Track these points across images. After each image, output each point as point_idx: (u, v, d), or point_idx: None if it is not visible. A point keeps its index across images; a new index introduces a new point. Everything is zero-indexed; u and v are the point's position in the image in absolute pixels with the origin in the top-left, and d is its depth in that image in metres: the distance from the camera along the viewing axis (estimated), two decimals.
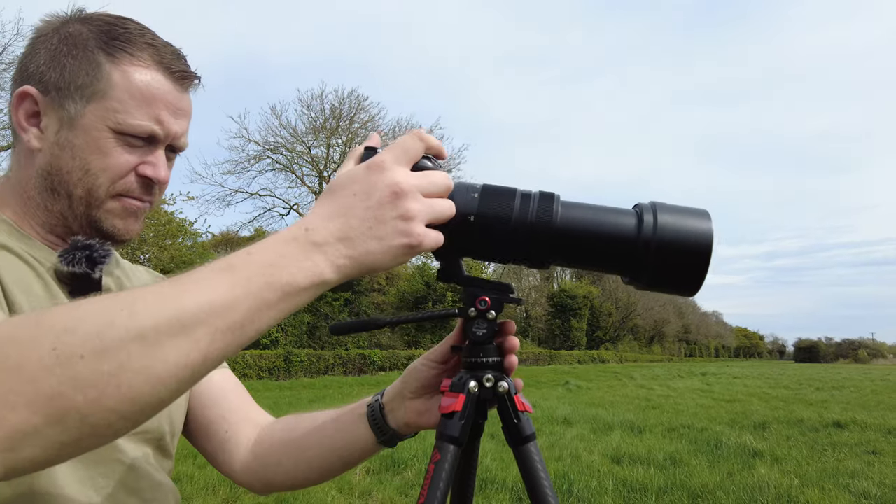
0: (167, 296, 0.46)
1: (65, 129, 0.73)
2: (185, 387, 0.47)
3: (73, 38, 0.73)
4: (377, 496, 4.61)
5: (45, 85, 0.73)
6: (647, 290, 0.64)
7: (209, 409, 0.91)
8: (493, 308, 0.66)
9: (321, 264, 0.51)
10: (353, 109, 25.80)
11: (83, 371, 0.42)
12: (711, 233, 0.59)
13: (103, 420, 0.43)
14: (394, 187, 0.54)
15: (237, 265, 0.49)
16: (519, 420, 0.65)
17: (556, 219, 0.61)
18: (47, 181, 0.74)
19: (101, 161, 0.73)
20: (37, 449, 0.42)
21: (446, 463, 0.61)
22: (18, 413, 0.41)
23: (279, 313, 0.50)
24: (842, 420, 8.54)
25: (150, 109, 0.74)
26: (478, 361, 0.67)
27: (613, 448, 6.43)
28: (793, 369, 35.97)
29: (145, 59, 0.74)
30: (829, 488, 4.76)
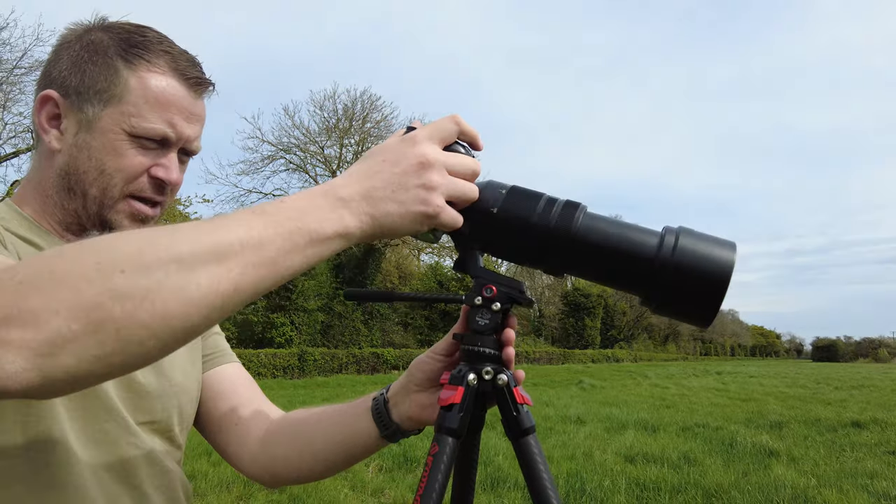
0: (206, 229, 0.50)
1: (83, 131, 0.76)
2: (214, 315, 0.49)
3: (95, 45, 0.77)
4: (389, 494, 4.63)
5: (66, 89, 0.77)
6: (659, 313, 0.63)
7: (220, 402, 0.93)
8: (499, 300, 0.66)
9: (346, 217, 0.55)
10: (365, 109, 25.85)
11: (122, 284, 0.45)
12: (732, 264, 0.58)
13: (136, 335, 0.45)
14: (420, 158, 0.58)
15: (270, 210, 0.53)
16: (518, 413, 0.65)
17: (576, 226, 0.62)
18: (65, 181, 0.78)
19: (115, 162, 0.76)
20: (72, 358, 0.44)
21: (444, 455, 0.61)
22: (60, 318, 0.43)
23: (306, 259, 0.53)
24: (861, 420, 8.41)
25: (164, 113, 0.77)
26: (476, 351, 0.66)
27: (627, 447, 6.39)
28: (810, 368, 35.45)
29: (161, 66, 0.77)
30: (848, 489, 4.69)
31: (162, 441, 0.86)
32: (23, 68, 18.33)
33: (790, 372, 27.16)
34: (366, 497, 4.57)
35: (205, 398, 0.94)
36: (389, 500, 4.50)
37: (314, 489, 4.55)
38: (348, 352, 19.64)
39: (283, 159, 26.28)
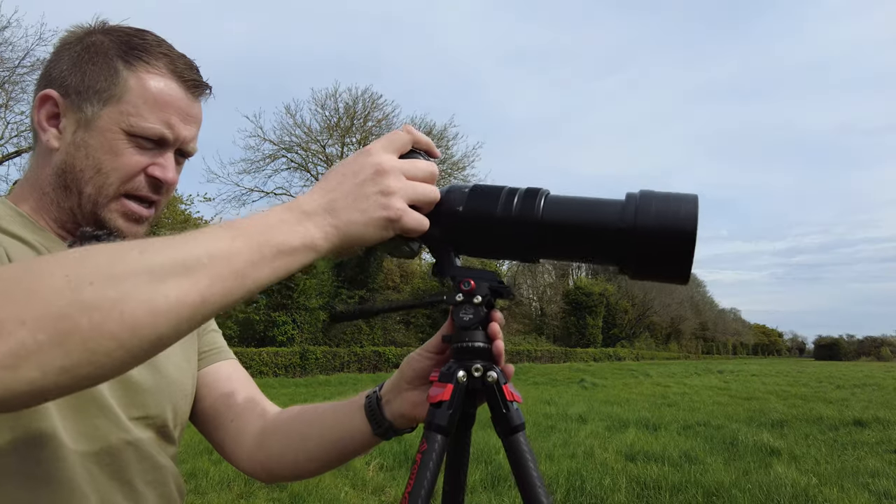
0: (175, 242, 0.51)
1: (81, 130, 0.77)
2: (183, 326, 0.49)
3: (95, 47, 0.78)
4: (390, 492, 4.63)
5: (66, 89, 0.78)
6: (638, 279, 0.63)
7: (216, 399, 0.94)
8: (479, 293, 0.66)
9: (311, 230, 0.57)
10: (367, 108, 25.89)
11: (91, 296, 0.45)
12: (695, 217, 0.58)
13: (103, 347, 0.45)
14: (376, 166, 0.60)
15: (237, 224, 0.54)
16: (508, 410, 0.65)
17: (538, 213, 0.62)
18: (62, 179, 0.78)
19: (112, 161, 0.77)
20: (37, 371, 0.43)
21: (433, 452, 0.61)
22: (26, 328, 0.43)
23: (274, 271, 0.54)
24: (863, 418, 8.40)
25: (162, 114, 0.78)
26: (465, 346, 0.67)
27: (628, 445, 6.39)
28: (813, 367, 35.40)
29: (160, 68, 0.79)
30: (849, 487, 4.68)
31: (155, 436, 0.86)
32: (25, 67, 18.36)
33: (792, 370, 27.12)
34: (366, 495, 4.57)
35: (201, 395, 0.95)
36: (390, 499, 4.51)
37: (315, 487, 4.55)
38: (350, 350, 19.65)
39: (284, 158, 26.34)
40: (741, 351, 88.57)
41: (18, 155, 19.27)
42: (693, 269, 0.60)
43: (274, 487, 4.63)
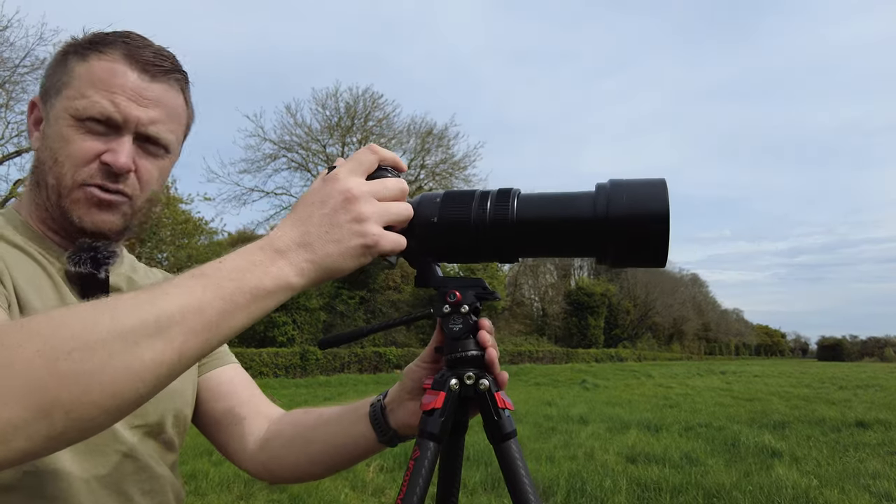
0: (145, 300, 0.50)
1: (45, 124, 0.79)
2: (163, 382, 0.50)
3: (64, 49, 0.80)
4: (390, 494, 4.64)
5: (43, 92, 0.81)
6: (617, 267, 0.64)
7: (219, 402, 0.94)
8: (465, 302, 0.67)
9: (285, 269, 0.55)
10: (367, 108, 25.94)
11: (67, 369, 0.45)
12: (665, 200, 0.58)
13: (86, 414, 0.46)
14: (346, 193, 0.59)
15: (209, 272, 0.53)
16: (500, 417, 0.65)
17: (511, 214, 0.63)
18: (35, 176, 0.80)
19: (65, 149, 0.75)
20: (26, 442, 0.45)
21: (426, 459, 0.61)
22: (9, 408, 0.44)
23: (250, 315, 0.53)
24: (865, 419, 8.38)
25: (106, 93, 0.75)
26: (457, 357, 0.67)
27: (629, 447, 6.39)
28: (816, 368, 35.35)
29: (112, 54, 0.77)
30: (850, 489, 4.67)
31: (155, 444, 0.86)
32: (26, 67, 18.43)
33: (795, 371, 27.08)
34: (366, 497, 4.58)
35: (204, 399, 0.95)
36: (389, 500, 4.51)
37: (315, 489, 4.56)
38: (350, 351, 19.67)
39: (284, 158, 26.38)
40: (744, 352, 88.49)
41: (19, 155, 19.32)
42: (694, 269, 0.60)
43: (273, 489, 4.64)
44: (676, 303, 56.62)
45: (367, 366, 19.74)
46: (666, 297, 53.69)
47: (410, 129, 27.04)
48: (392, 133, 26.56)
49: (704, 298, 70.51)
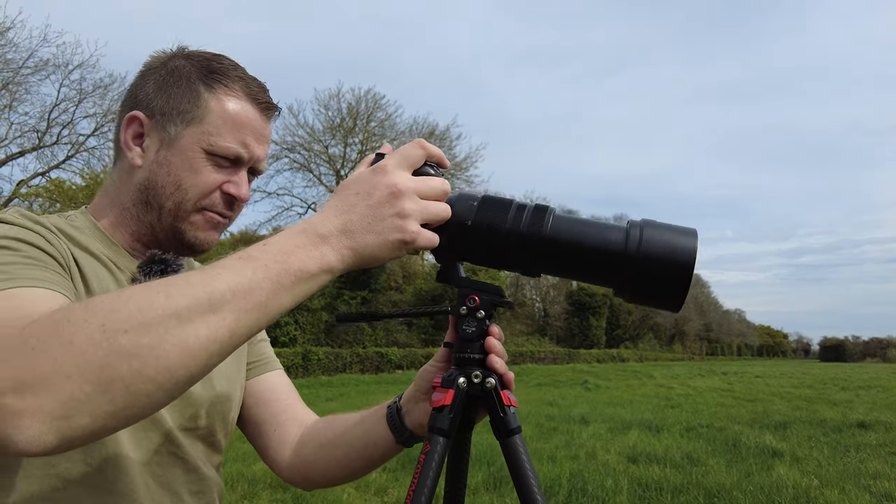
0: (197, 281, 0.52)
1: (164, 149, 0.82)
2: (214, 360, 0.52)
3: (178, 72, 0.84)
4: (393, 493, 4.66)
5: (152, 110, 0.83)
6: (633, 302, 0.66)
7: (262, 408, 0.99)
8: (483, 307, 0.69)
9: (328, 253, 0.58)
10: (369, 108, 25.97)
11: (127, 344, 0.48)
12: (695, 251, 0.61)
13: (144, 389, 0.48)
14: (392, 188, 0.61)
15: (255, 255, 0.56)
16: (505, 414, 0.68)
17: (546, 230, 0.65)
18: (143, 195, 0.84)
19: (192, 178, 0.82)
20: (87, 417, 0.47)
21: (436, 454, 0.64)
22: (73, 381, 0.46)
23: (295, 296, 0.56)
24: (866, 420, 8.38)
25: (239, 134, 0.83)
26: (466, 357, 0.70)
27: (630, 447, 6.41)
28: (818, 368, 35.28)
29: (237, 91, 0.84)
30: (850, 489, 4.69)
31: (204, 447, 0.90)
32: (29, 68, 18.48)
33: (797, 372, 27.04)
34: (369, 496, 4.61)
35: (248, 404, 0.99)
36: (392, 500, 4.54)
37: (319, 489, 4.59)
38: (352, 351, 19.70)
39: (287, 158, 26.45)
40: (746, 352, 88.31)
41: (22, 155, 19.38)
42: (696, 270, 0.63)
43: (277, 488, 4.67)
44: None
45: (368, 366, 19.77)
46: None
47: (412, 129, 27.07)
48: (394, 134, 26.58)
49: (706, 299, 70.37)
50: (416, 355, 21.29)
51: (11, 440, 0.46)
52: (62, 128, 19.75)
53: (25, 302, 0.57)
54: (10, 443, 0.46)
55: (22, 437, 0.46)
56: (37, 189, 18.50)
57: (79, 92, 19.52)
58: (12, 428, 0.46)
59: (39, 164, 19.83)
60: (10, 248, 0.66)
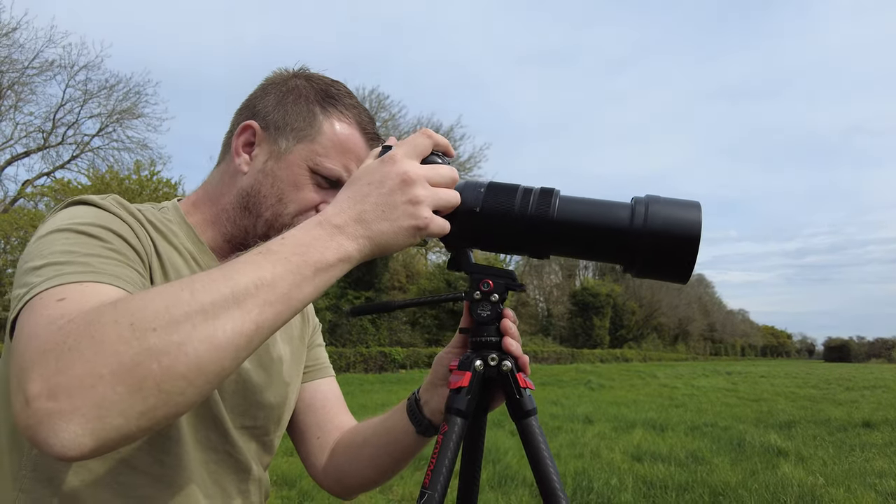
0: (220, 277, 0.53)
1: (272, 160, 0.85)
2: (242, 355, 0.53)
3: (298, 90, 0.87)
4: (398, 490, 4.67)
5: (267, 122, 0.86)
6: (640, 277, 0.67)
7: (309, 414, 1.00)
8: (496, 291, 0.71)
9: (345, 243, 0.59)
10: (373, 108, 26.01)
11: (157, 342, 0.48)
12: (700, 223, 0.62)
13: (175, 387, 0.49)
14: (403, 176, 0.62)
15: (275, 249, 0.57)
16: (521, 396, 0.70)
17: (553, 212, 0.66)
18: (244, 200, 0.86)
19: (294, 193, 0.84)
20: (121, 418, 0.47)
21: (454, 434, 0.66)
22: (105, 382, 0.46)
23: (316, 287, 0.57)
24: (872, 420, 8.37)
25: (344, 158, 0.86)
26: (482, 341, 0.71)
27: (634, 446, 6.41)
28: (822, 369, 35.17)
29: (349, 118, 0.87)
30: (855, 487, 4.68)
31: (257, 446, 0.91)
32: (34, 69, 18.59)
33: (801, 372, 26.96)
34: (374, 493, 4.62)
35: (298, 409, 1.00)
36: (398, 497, 4.55)
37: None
38: (356, 350, 19.73)
39: None
40: (750, 352, 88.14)
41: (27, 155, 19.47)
42: (699, 270, 0.64)
43: (283, 486, 4.69)
44: (682, 303, 56.46)
45: (372, 365, 19.79)
46: (671, 298, 53.52)
47: (416, 130, 27.06)
48: (398, 134, 26.59)
49: (710, 299, 70.27)
50: (419, 355, 21.30)
51: (48, 443, 0.46)
52: (67, 128, 19.88)
53: (85, 296, 0.57)
54: (48, 446, 0.46)
55: (58, 440, 0.46)
56: (42, 189, 18.60)
57: (84, 92, 19.66)
58: (48, 431, 0.46)
59: (44, 164, 19.95)
60: (98, 238, 0.67)
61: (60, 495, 0.72)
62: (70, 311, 0.53)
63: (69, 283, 0.58)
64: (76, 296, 0.56)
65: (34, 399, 0.46)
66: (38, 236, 0.68)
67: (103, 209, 0.73)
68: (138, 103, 20.76)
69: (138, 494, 0.75)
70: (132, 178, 17.19)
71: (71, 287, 0.58)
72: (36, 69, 18.66)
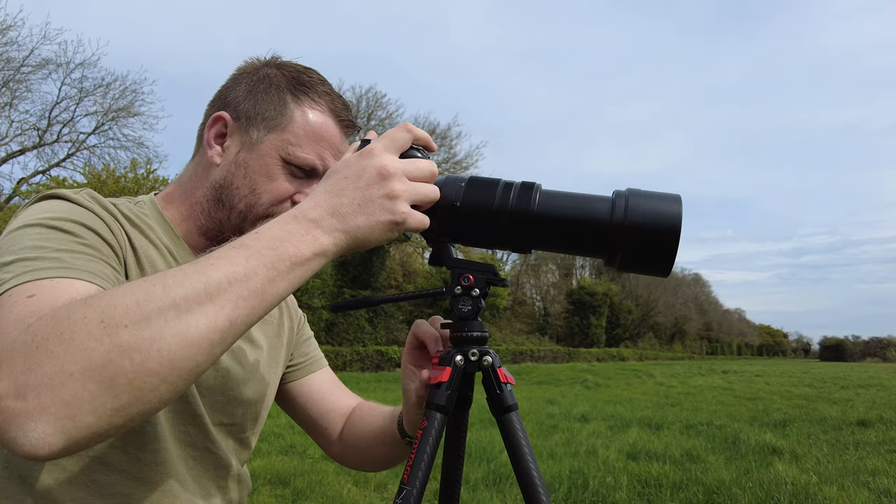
0: (193, 272, 0.52)
1: (244, 151, 0.83)
2: (217, 350, 0.51)
3: (269, 80, 0.85)
4: (392, 489, 4.67)
5: (238, 112, 0.85)
6: (622, 271, 0.67)
7: (312, 407, 1.03)
8: (477, 286, 0.70)
9: (320, 237, 0.58)
10: (370, 106, 25.98)
11: (128, 338, 0.47)
12: (679, 216, 0.62)
13: (148, 383, 0.47)
14: (381, 170, 0.61)
15: (249, 243, 0.55)
16: (502, 391, 0.69)
17: (533, 206, 0.66)
18: (217, 192, 0.84)
19: (267, 184, 0.83)
20: (92, 416, 0.46)
21: (433, 429, 0.65)
22: (75, 380, 0.45)
23: (291, 282, 0.56)
24: (866, 418, 8.39)
25: (317, 147, 0.84)
26: (464, 336, 0.71)
27: (630, 444, 6.41)
28: (818, 368, 35.27)
29: (322, 105, 0.85)
30: (849, 485, 4.69)
31: (234, 443, 0.91)
32: (30, 66, 18.50)
33: (797, 371, 27.04)
34: (368, 492, 4.61)
35: (299, 403, 1.03)
36: (392, 496, 4.54)
37: (317, 484, 4.60)
38: (353, 350, 19.71)
39: None
40: (746, 352, 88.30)
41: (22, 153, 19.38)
42: (696, 269, 0.64)
43: (277, 484, 4.68)
44: (678, 302, 56.55)
45: (369, 364, 19.78)
46: (668, 297, 53.63)
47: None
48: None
49: (706, 298, 70.41)
50: None
51: (17, 443, 0.45)
52: (63, 126, 19.79)
53: (55, 293, 0.55)
54: (17, 445, 0.45)
55: (27, 439, 0.45)
56: (37, 187, 18.51)
57: (80, 90, 19.57)
58: (16, 430, 0.45)
59: (40, 162, 19.86)
60: (70, 233, 0.66)
61: (34, 494, 0.71)
62: (40, 309, 0.51)
63: (39, 280, 0.57)
64: (46, 292, 0.55)
65: (1, 398, 0.45)
66: (8, 231, 0.66)
67: (76, 203, 0.72)
68: (135, 101, 20.69)
69: (115, 492, 0.74)
70: (128, 177, 17.14)
71: (41, 283, 0.56)
72: (31, 67, 18.59)
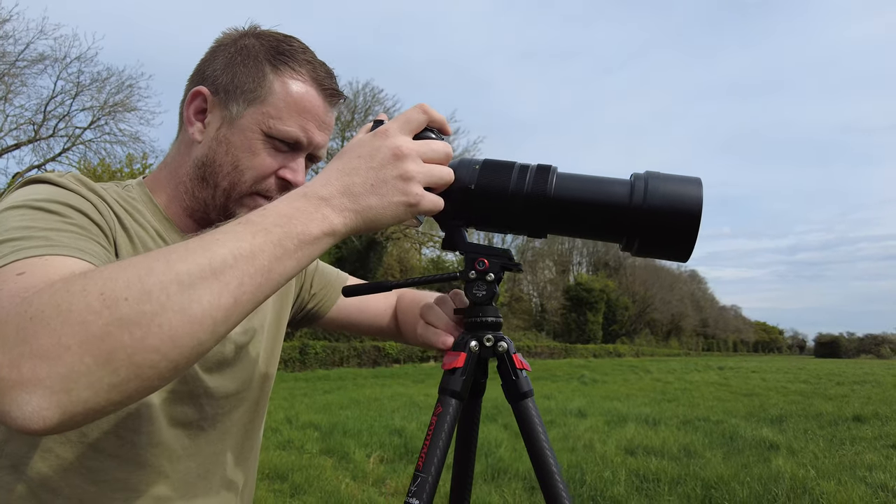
0: (197, 247, 0.50)
1: (225, 126, 0.80)
2: (220, 329, 0.49)
3: (247, 50, 0.81)
4: (390, 484, 4.67)
5: (217, 87, 0.81)
6: (640, 255, 0.65)
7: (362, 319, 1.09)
8: (492, 270, 0.68)
9: (330, 216, 0.56)
10: (367, 102, 25.88)
11: (128, 312, 0.45)
12: (701, 199, 0.61)
13: (147, 360, 0.45)
14: (395, 150, 0.59)
15: (255, 220, 0.54)
16: (517, 377, 0.68)
17: (550, 189, 0.64)
18: (200, 171, 0.81)
19: (249, 160, 0.79)
20: (89, 391, 0.44)
21: (448, 415, 0.64)
22: (72, 353, 0.43)
23: (298, 261, 0.54)
24: (862, 414, 8.43)
25: (300, 119, 0.80)
26: (478, 321, 0.69)
27: (627, 440, 6.43)
28: (813, 364, 35.42)
29: (303, 74, 0.81)
30: (846, 480, 4.71)
31: (243, 410, 0.89)
32: (25, 61, 18.36)
33: (792, 367, 27.15)
34: (366, 487, 4.61)
35: (345, 322, 1.09)
36: (390, 491, 4.54)
37: (315, 479, 4.59)
38: (350, 345, 19.69)
39: None
40: (742, 348, 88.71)
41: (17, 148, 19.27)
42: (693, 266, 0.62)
43: (275, 479, 4.67)
44: (675, 299, 56.74)
45: (366, 360, 19.77)
46: (664, 294, 53.79)
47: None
48: None
49: (703, 295, 70.68)
50: (412, 349, 21.28)
51: (10, 415, 0.43)
52: (58, 120, 19.65)
53: (47, 269, 0.53)
54: (10, 418, 0.44)
55: (21, 412, 0.43)
56: None
57: (76, 85, 19.42)
58: (10, 402, 0.43)
59: (35, 156, 19.72)
60: (56, 214, 0.64)
61: (28, 482, 0.70)
62: (34, 284, 0.50)
63: (29, 258, 0.55)
64: (38, 269, 0.53)
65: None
66: None
67: (61, 186, 0.70)
68: (131, 96, 20.54)
69: (110, 478, 0.73)
70: (124, 172, 17.07)
71: (31, 261, 0.54)
72: (27, 61, 18.46)
